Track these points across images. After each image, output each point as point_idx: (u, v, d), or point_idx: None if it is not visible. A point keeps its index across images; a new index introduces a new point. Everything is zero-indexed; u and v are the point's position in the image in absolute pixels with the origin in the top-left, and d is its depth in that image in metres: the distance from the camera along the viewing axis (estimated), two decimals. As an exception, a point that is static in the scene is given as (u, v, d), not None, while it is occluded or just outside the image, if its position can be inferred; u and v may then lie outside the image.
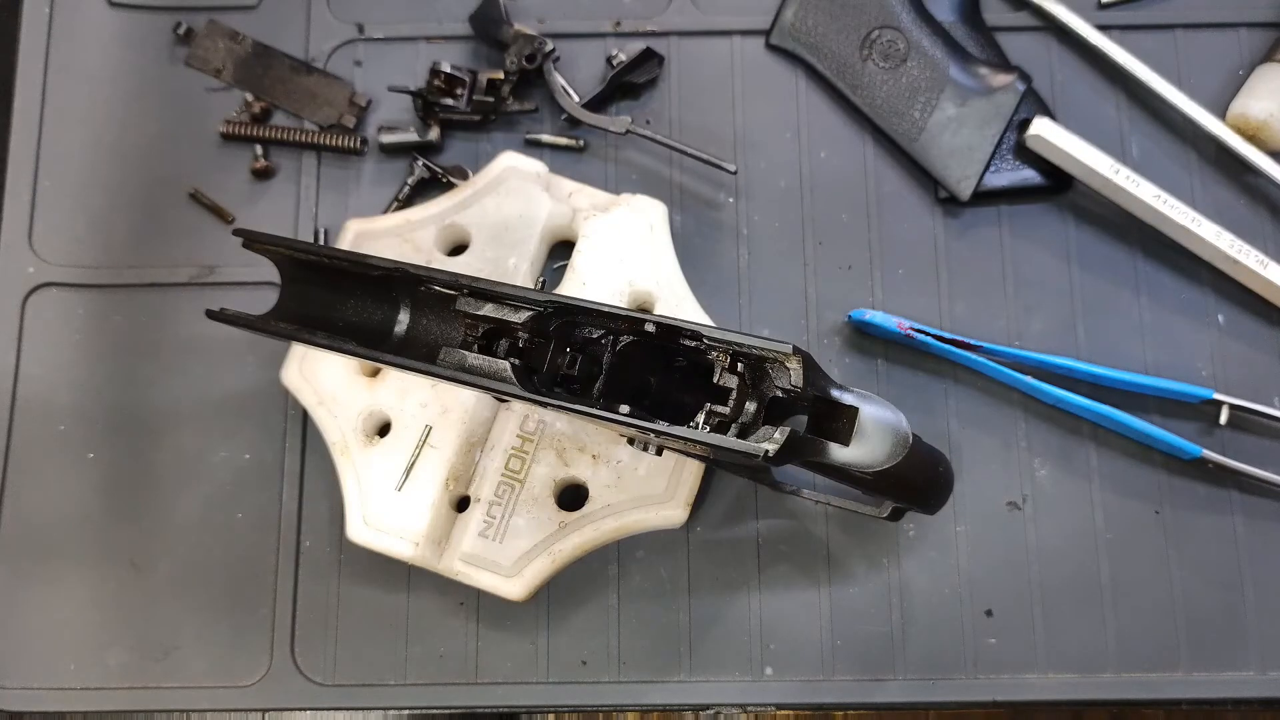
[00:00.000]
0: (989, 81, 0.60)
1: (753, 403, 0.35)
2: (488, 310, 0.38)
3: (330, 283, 0.42)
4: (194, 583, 0.57)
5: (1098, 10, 0.64)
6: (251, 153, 0.62)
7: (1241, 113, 0.60)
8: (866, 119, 0.62)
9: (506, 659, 0.56)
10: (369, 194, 0.62)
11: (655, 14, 0.64)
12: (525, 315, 0.37)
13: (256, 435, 0.59)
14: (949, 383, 0.58)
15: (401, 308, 0.41)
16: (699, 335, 0.35)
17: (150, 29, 0.64)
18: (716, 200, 0.61)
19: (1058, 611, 0.55)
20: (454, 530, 0.53)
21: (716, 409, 0.35)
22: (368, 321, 0.41)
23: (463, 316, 0.38)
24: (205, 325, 0.59)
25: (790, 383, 0.34)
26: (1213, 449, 0.56)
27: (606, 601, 0.56)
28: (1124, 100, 0.62)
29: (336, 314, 0.42)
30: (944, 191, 0.60)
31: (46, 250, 0.61)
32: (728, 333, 0.35)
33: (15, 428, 0.59)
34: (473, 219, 0.57)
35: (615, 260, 0.56)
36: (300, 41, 0.64)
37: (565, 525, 0.53)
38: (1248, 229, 0.60)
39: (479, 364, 0.38)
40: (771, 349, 0.34)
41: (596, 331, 0.37)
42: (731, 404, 0.35)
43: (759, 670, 0.56)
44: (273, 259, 0.42)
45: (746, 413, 0.35)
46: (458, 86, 0.60)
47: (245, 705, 0.56)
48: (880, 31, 0.61)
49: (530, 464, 0.54)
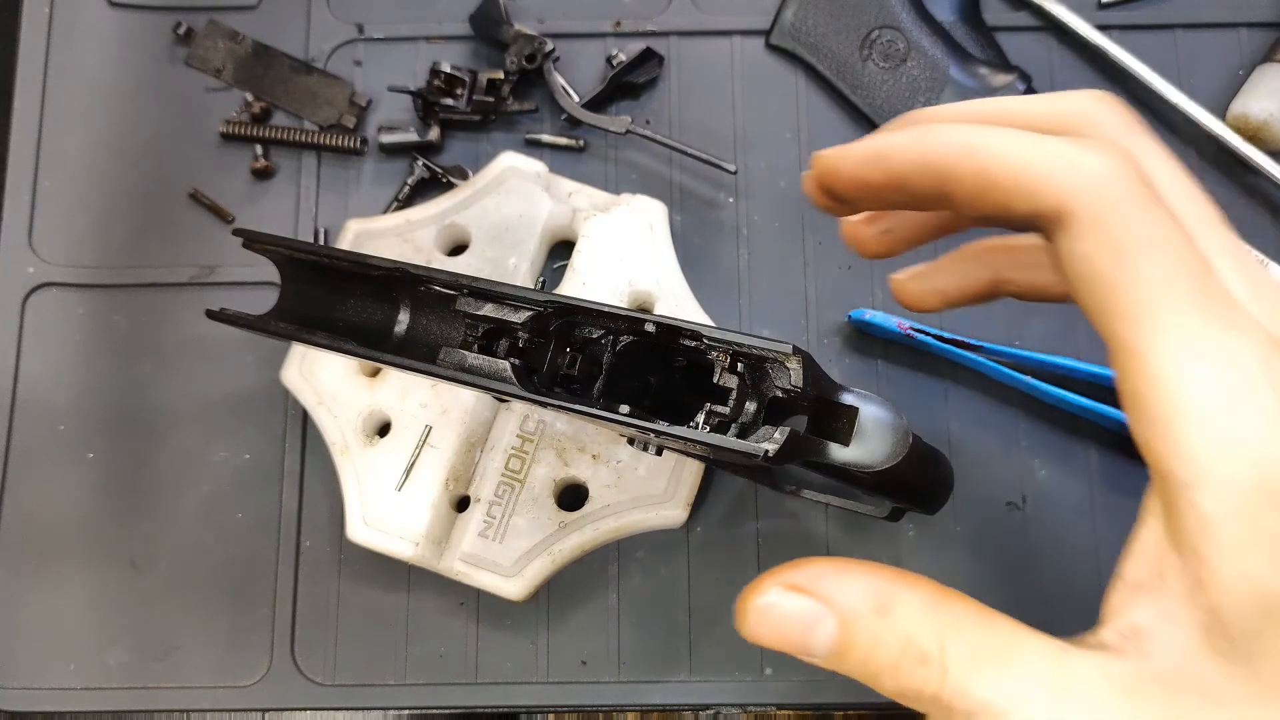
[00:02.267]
0: (989, 81, 0.60)
1: (753, 402, 0.35)
2: (487, 310, 0.38)
3: (330, 282, 0.42)
4: (194, 583, 0.57)
5: (1098, 10, 0.64)
6: (251, 153, 0.62)
7: (1241, 113, 0.60)
8: (866, 119, 0.62)
9: (506, 659, 0.56)
10: (369, 194, 0.62)
11: (655, 14, 0.64)
12: (525, 315, 0.37)
13: (256, 435, 0.59)
14: (949, 383, 0.58)
15: (402, 308, 0.41)
16: (698, 335, 0.35)
17: (150, 29, 0.64)
18: (716, 200, 0.61)
19: (1058, 611, 0.55)
20: (454, 530, 0.53)
21: (716, 409, 0.35)
22: (368, 321, 0.41)
23: (463, 316, 0.38)
24: (205, 325, 0.60)
25: (790, 383, 0.34)
26: (1213, 449, 0.56)
27: (606, 601, 0.56)
28: (1124, 100, 0.62)
29: (337, 314, 0.42)
30: (944, 191, 0.60)
31: (46, 250, 0.61)
32: (727, 332, 0.35)
33: (15, 428, 0.59)
34: (473, 219, 0.57)
35: (615, 260, 0.56)
36: (300, 41, 0.64)
37: (565, 525, 0.53)
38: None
39: (479, 364, 0.38)
40: (771, 349, 0.34)
41: (596, 331, 0.37)
42: (731, 404, 0.35)
43: (759, 670, 0.56)
44: (272, 259, 0.42)
45: (746, 413, 0.35)
46: (458, 86, 0.60)
47: (245, 705, 0.56)
48: (880, 31, 0.62)
49: (530, 464, 0.54)
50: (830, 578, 0.31)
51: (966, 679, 0.29)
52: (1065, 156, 0.29)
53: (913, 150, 0.31)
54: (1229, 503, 0.27)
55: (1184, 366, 0.27)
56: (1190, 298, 0.27)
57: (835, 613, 0.31)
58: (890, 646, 0.30)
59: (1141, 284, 0.27)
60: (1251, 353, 0.27)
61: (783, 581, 0.32)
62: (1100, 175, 0.28)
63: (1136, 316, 0.27)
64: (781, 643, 0.32)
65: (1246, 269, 0.30)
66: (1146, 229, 0.28)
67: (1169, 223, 0.28)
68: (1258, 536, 0.27)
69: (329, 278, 0.41)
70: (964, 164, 0.30)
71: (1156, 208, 0.28)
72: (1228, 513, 0.27)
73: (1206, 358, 0.27)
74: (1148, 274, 0.27)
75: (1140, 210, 0.28)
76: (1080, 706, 0.28)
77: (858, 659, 0.31)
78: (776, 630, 0.32)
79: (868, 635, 0.30)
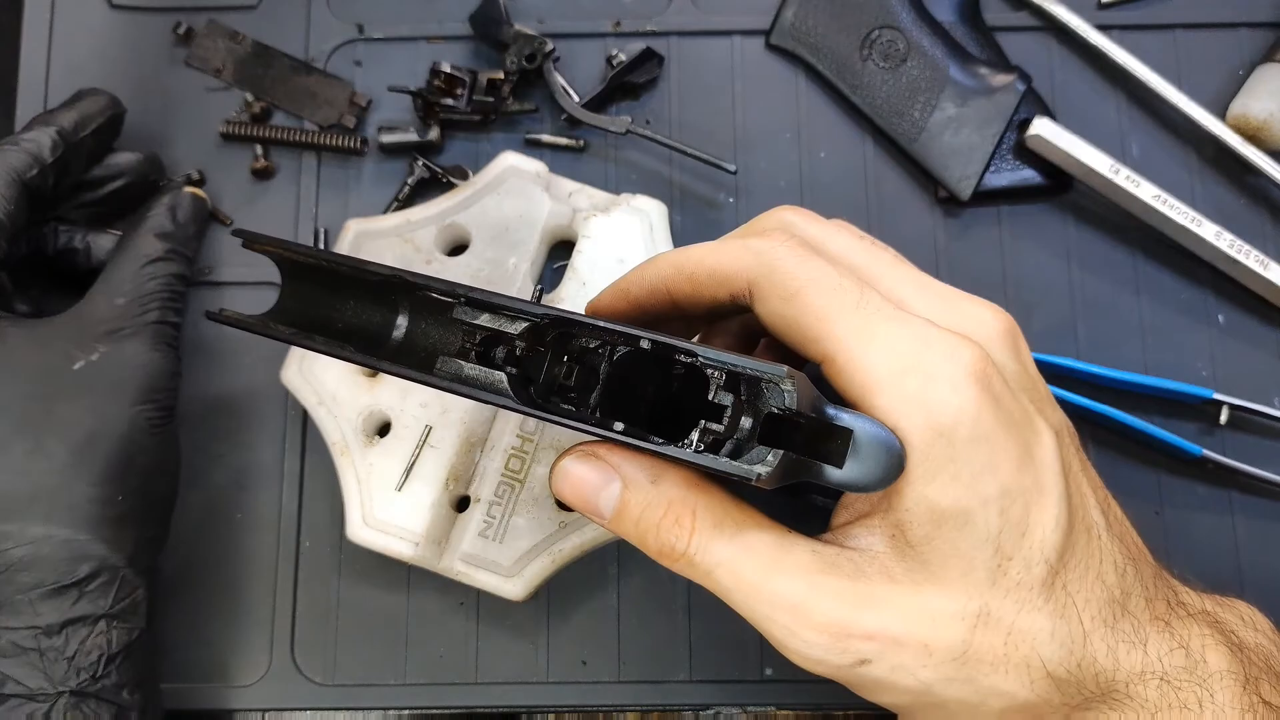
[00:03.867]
0: (989, 81, 0.60)
1: (749, 418, 0.35)
2: (484, 320, 0.38)
3: (330, 284, 0.42)
4: (194, 583, 0.57)
5: (1098, 10, 0.64)
6: (251, 153, 0.62)
7: (1241, 113, 0.60)
8: (866, 119, 0.62)
9: (506, 659, 0.56)
10: (369, 194, 0.62)
11: (655, 14, 0.64)
12: (521, 326, 0.38)
13: (256, 435, 0.59)
14: (949, 383, 0.58)
15: (400, 312, 0.41)
16: (694, 354, 0.35)
17: (150, 29, 0.64)
18: (716, 200, 0.61)
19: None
20: (454, 530, 0.53)
21: (711, 426, 0.35)
22: (366, 325, 0.41)
23: (460, 324, 0.39)
24: (205, 325, 0.60)
25: (785, 404, 0.34)
26: (1213, 449, 0.56)
27: (606, 601, 0.56)
28: (1124, 100, 0.62)
29: (335, 316, 0.42)
30: (944, 191, 0.60)
31: (47, 250, 0.61)
32: (721, 354, 0.35)
33: (15, 428, 0.59)
34: (473, 219, 0.57)
35: (615, 260, 0.56)
36: (300, 41, 0.64)
37: (565, 525, 0.53)
38: (1248, 229, 0.60)
39: (475, 375, 0.38)
40: (765, 371, 0.34)
41: (594, 341, 0.38)
42: (726, 421, 0.35)
43: (759, 670, 0.56)
44: (273, 258, 0.42)
45: (742, 429, 0.35)
46: (458, 86, 0.60)
47: (245, 705, 0.56)
48: (880, 31, 0.61)
49: (530, 464, 0.54)
50: (619, 453, 0.40)
51: (707, 541, 0.38)
52: (738, 248, 0.40)
53: (641, 280, 0.42)
54: (908, 445, 0.36)
55: (861, 354, 0.37)
56: (851, 308, 0.37)
57: (620, 476, 0.39)
58: (657, 509, 0.39)
59: (813, 310, 0.38)
60: (909, 332, 0.37)
61: (582, 450, 0.40)
62: (764, 250, 0.39)
63: (817, 335, 0.38)
64: (577, 500, 0.40)
65: (924, 286, 0.41)
66: (805, 273, 0.38)
67: (824, 266, 0.38)
68: (929, 467, 0.36)
69: (328, 280, 0.41)
70: (676, 278, 0.41)
71: (811, 258, 0.39)
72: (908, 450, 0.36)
73: (877, 343, 0.37)
74: (815, 301, 0.38)
75: (798, 263, 0.38)
76: (789, 567, 0.38)
77: (632, 517, 0.39)
78: (574, 490, 0.40)
79: (642, 497, 0.39)
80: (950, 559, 0.37)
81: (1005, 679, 0.37)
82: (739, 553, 0.38)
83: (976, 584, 0.37)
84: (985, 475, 0.37)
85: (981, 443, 0.37)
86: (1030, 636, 0.37)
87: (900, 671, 0.37)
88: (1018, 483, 0.37)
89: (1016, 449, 0.37)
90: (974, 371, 0.37)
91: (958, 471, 0.36)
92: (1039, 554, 0.37)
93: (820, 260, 0.39)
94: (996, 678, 0.37)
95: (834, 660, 0.37)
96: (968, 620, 0.37)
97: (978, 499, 0.36)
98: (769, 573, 0.38)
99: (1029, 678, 0.37)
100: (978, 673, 0.37)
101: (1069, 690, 0.37)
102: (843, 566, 0.38)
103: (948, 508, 0.36)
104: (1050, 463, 0.38)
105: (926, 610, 0.37)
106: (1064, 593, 0.38)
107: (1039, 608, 0.37)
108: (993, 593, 0.37)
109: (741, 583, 0.38)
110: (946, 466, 0.36)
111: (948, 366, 0.37)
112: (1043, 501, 0.38)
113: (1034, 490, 0.38)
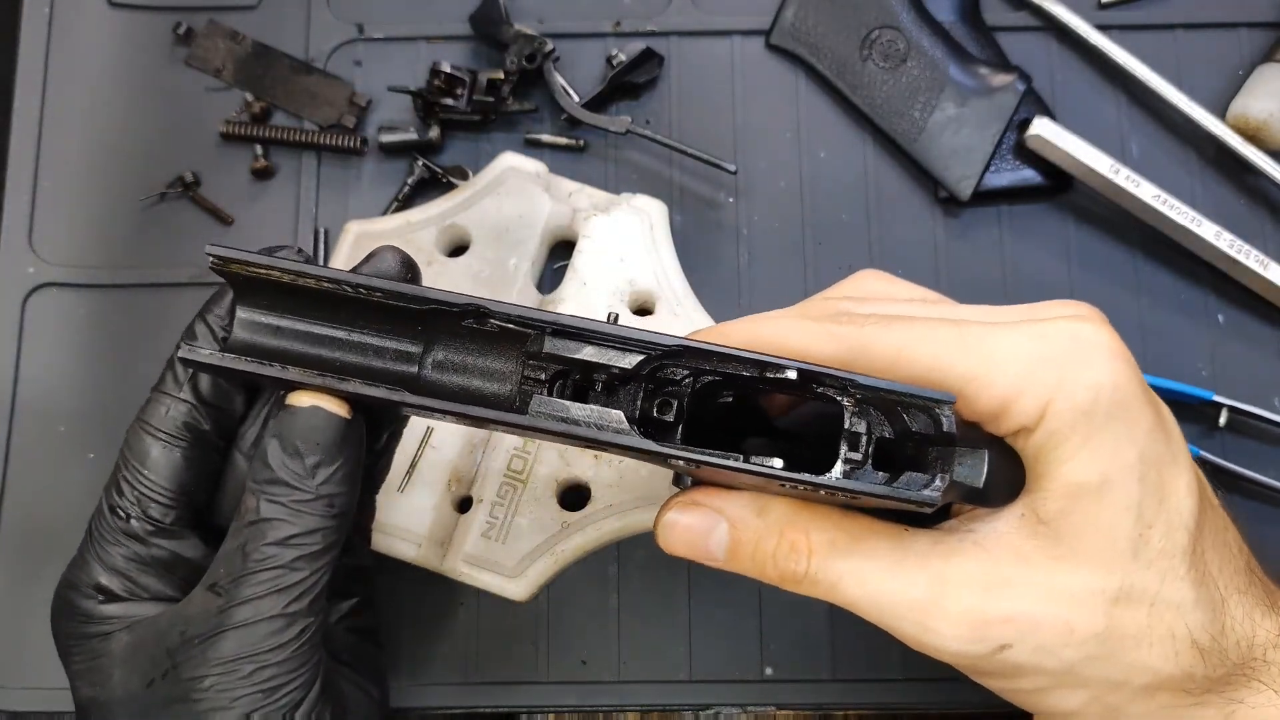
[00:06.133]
0: (989, 81, 0.60)
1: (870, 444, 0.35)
2: (587, 355, 0.34)
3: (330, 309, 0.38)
4: (194, 583, 0.57)
5: (1098, 10, 0.64)
6: (251, 153, 0.62)
7: (1241, 113, 0.60)
8: (866, 119, 0.62)
9: (506, 659, 0.56)
10: (369, 194, 0.62)
11: (655, 14, 0.64)
12: (635, 359, 0.34)
13: (257, 435, 0.59)
14: (949, 383, 0.58)
15: (435, 345, 0.37)
16: (851, 381, 0.33)
17: (150, 29, 0.64)
18: (716, 200, 0.61)
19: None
20: (456, 531, 0.53)
21: (850, 455, 0.34)
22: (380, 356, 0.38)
23: (543, 356, 0.35)
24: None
25: (945, 428, 0.33)
26: (1212, 452, 0.56)
27: (606, 601, 0.56)
28: (1124, 100, 0.62)
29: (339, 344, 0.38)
30: (944, 191, 0.60)
31: (46, 250, 0.61)
32: (880, 381, 0.33)
33: (15, 428, 0.59)
34: (473, 219, 0.57)
35: (615, 260, 0.56)
36: (300, 41, 0.64)
37: (568, 525, 0.53)
38: (1248, 229, 0.60)
39: (585, 415, 0.34)
40: (933, 397, 0.33)
41: (681, 372, 0.35)
42: (862, 449, 0.34)
43: (759, 670, 0.56)
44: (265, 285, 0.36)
45: (868, 455, 0.35)
46: (458, 86, 0.60)
47: (246, 705, 0.56)
48: (880, 31, 0.61)
49: (532, 464, 0.54)
50: (718, 495, 0.39)
51: (825, 559, 0.37)
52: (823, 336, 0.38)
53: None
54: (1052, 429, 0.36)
55: (987, 372, 0.37)
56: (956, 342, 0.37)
57: (726, 518, 0.38)
58: (769, 539, 0.38)
59: (923, 362, 0.37)
60: (1021, 335, 0.37)
61: (682, 501, 0.39)
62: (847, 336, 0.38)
63: (940, 380, 0.37)
64: (688, 550, 0.39)
65: (992, 308, 0.41)
66: (896, 339, 0.38)
67: (910, 322, 0.38)
68: (1069, 447, 0.36)
69: (333, 305, 0.37)
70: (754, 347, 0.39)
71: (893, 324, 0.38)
72: (1047, 437, 0.36)
73: (997, 356, 0.37)
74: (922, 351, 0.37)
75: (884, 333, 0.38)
76: (911, 565, 0.37)
77: (746, 553, 0.38)
78: (683, 540, 0.39)
79: (752, 532, 0.38)
80: (1087, 531, 0.36)
81: (1150, 653, 0.36)
82: (859, 562, 0.37)
83: (1118, 555, 0.36)
84: (1124, 443, 0.36)
85: (1120, 411, 0.36)
86: (1174, 606, 0.36)
87: (1042, 653, 0.36)
88: (1153, 450, 0.37)
89: (1151, 415, 0.37)
90: (1101, 344, 0.37)
91: (1099, 444, 0.36)
92: (1179, 520, 0.37)
93: (903, 321, 0.38)
94: (1141, 652, 0.36)
95: (973, 650, 0.37)
96: (1109, 595, 0.36)
97: (1116, 467, 0.36)
98: (892, 575, 0.37)
99: (1174, 649, 0.36)
100: (1121, 649, 0.36)
101: (1212, 660, 0.37)
102: (968, 551, 0.37)
103: (1085, 480, 0.36)
104: (1178, 430, 0.38)
105: (1065, 587, 0.36)
106: (1202, 560, 0.37)
107: (1182, 576, 0.36)
108: (1134, 565, 0.36)
109: (867, 591, 0.37)
110: (1087, 442, 0.36)
111: (1074, 348, 0.37)
112: (1175, 468, 0.37)
113: (1168, 457, 0.37)
